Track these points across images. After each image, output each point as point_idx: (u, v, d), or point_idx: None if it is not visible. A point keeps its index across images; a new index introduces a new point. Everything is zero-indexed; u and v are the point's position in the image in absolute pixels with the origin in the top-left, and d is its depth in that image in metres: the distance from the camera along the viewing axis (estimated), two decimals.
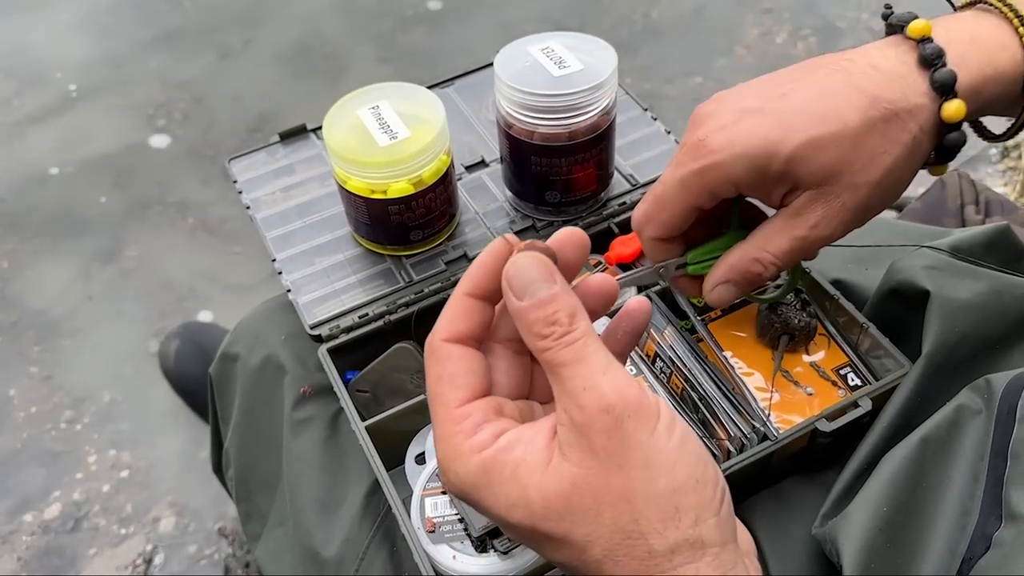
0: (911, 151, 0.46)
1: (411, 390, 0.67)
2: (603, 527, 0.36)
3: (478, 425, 0.38)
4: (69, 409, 1.41)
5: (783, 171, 0.46)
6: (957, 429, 0.52)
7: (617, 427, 0.36)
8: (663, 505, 0.36)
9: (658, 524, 0.35)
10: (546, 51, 0.70)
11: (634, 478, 0.35)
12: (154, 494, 1.31)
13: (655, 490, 0.36)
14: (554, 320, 0.37)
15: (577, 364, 0.37)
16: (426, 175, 0.69)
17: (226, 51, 2.04)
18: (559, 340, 0.37)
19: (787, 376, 0.64)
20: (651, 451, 0.36)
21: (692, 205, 0.49)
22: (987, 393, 0.52)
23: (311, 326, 0.70)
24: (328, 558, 0.64)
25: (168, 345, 1.39)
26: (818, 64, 0.48)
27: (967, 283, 0.60)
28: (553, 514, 0.36)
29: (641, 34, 2.01)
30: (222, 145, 1.81)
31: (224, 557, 1.24)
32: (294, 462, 0.70)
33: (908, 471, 0.52)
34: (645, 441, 0.36)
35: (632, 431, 0.36)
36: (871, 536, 0.50)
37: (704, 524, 0.36)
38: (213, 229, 1.66)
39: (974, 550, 0.46)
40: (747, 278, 0.50)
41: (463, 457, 0.37)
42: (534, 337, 0.37)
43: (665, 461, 0.36)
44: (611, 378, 0.36)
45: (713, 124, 0.47)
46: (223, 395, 0.82)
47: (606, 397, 0.36)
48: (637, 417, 0.36)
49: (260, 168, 0.83)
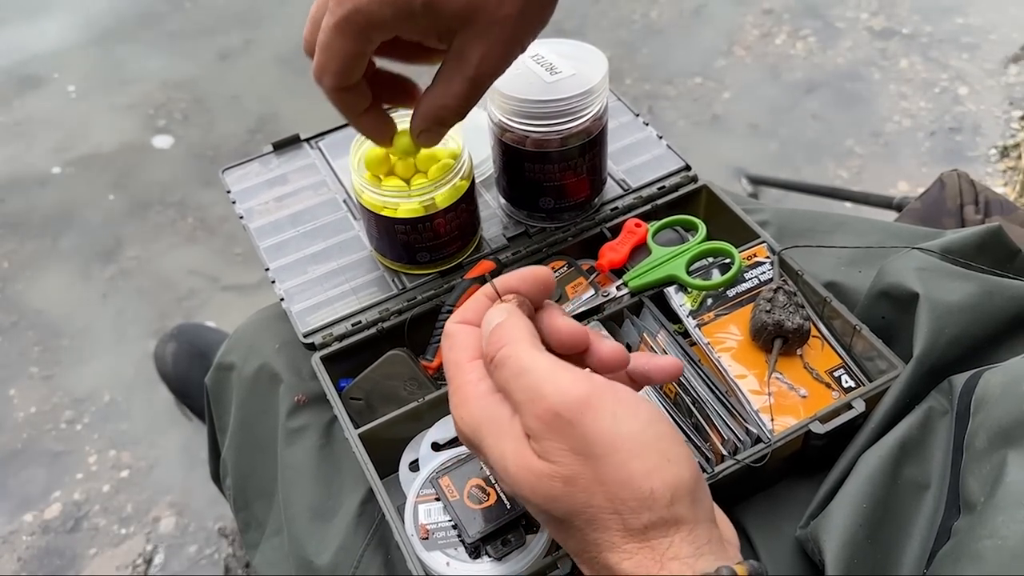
0: None
1: (404, 397, 0.67)
2: (577, 504, 0.38)
3: (481, 378, 0.42)
4: (69, 409, 1.42)
5: (424, 8, 0.49)
6: (928, 430, 0.53)
7: (574, 424, 0.38)
8: (638, 487, 0.37)
9: (632, 503, 0.37)
10: (536, 58, 0.70)
11: (605, 464, 0.37)
12: (154, 494, 1.31)
13: (628, 473, 0.37)
14: (495, 348, 0.41)
15: (526, 375, 0.39)
16: (439, 199, 0.69)
17: (226, 51, 2.04)
18: (493, 363, 0.41)
19: (781, 379, 0.64)
20: (618, 436, 0.38)
21: (354, 52, 0.52)
22: (951, 394, 0.54)
23: (304, 334, 0.70)
24: (322, 566, 0.65)
25: (164, 348, 1.39)
26: None
27: (957, 285, 0.60)
28: (536, 496, 0.39)
29: (641, 34, 2.00)
30: (222, 146, 1.82)
31: (224, 557, 1.25)
32: (288, 471, 0.70)
33: (885, 470, 0.53)
34: (609, 429, 0.38)
35: (592, 423, 0.38)
36: (852, 532, 0.51)
37: (680, 503, 0.38)
38: (213, 229, 1.67)
39: (938, 544, 0.48)
40: (440, 118, 0.56)
41: (469, 402, 0.42)
42: (489, 368, 0.42)
43: (634, 444, 0.38)
44: (555, 382, 0.39)
45: None
46: (219, 404, 0.82)
47: (554, 403, 0.38)
48: (593, 409, 0.38)
49: (254, 178, 0.83)
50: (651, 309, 0.68)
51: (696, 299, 0.68)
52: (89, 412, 1.41)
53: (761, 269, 0.70)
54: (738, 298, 0.69)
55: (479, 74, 0.53)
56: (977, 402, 0.52)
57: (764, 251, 0.71)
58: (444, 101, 0.55)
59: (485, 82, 0.54)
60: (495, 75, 0.54)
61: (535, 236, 0.76)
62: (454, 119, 0.57)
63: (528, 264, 0.74)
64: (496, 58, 0.52)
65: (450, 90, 0.54)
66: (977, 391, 0.52)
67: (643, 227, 0.74)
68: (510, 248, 0.76)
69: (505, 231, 0.77)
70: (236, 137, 1.83)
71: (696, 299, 0.68)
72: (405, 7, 0.49)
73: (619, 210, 0.77)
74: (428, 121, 0.57)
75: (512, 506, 0.56)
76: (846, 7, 2.04)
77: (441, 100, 0.55)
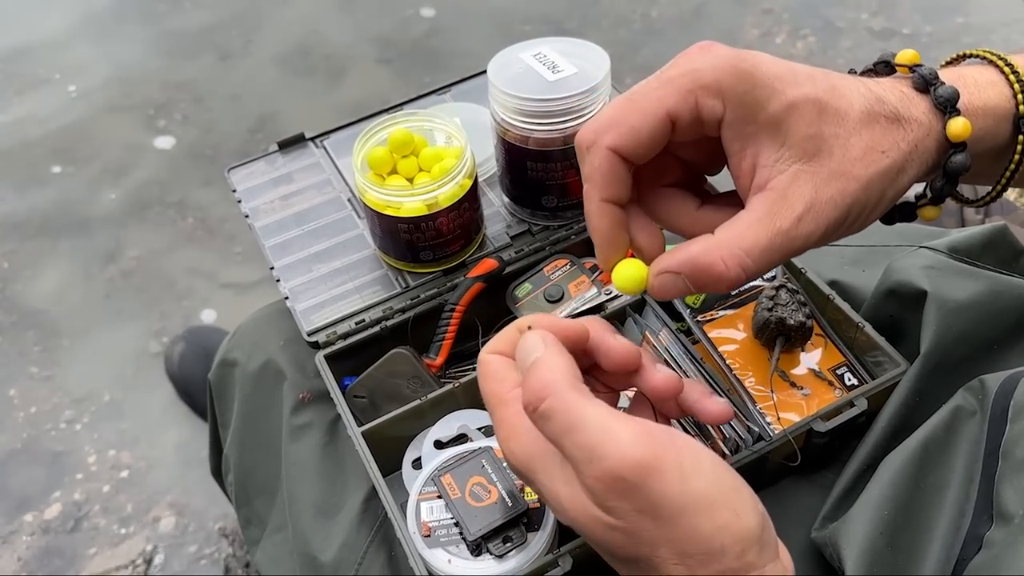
0: (908, 161, 0.43)
1: (407, 395, 0.67)
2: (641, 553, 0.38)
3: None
4: (69, 409, 1.42)
5: (779, 116, 0.40)
6: (954, 430, 0.52)
7: (639, 488, 0.36)
8: (707, 544, 0.36)
9: (701, 556, 0.36)
10: (539, 56, 0.70)
11: (673, 525, 0.36)
12: (154, 494, 1.31)
13: (697, 532, 0.36)
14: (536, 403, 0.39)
15: (571, 435, 0.38)
16: (442, 198, 0.69)
17: (226, 51, 2.04)
18: (536, 414, 0.39)
19: (783, 377, 0.64)
20: (685, 497, 0.36)
21: (669, 109, 0.41)
22: (981, 394, 0.52)
23: (308, 333, 0.70)
24: (326, 563, 0.65)
25: (172, 348, 1.40)
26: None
27: (965, 283, 0.60)
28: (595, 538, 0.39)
29: (641, 34, 2.01)
30: (222, 146, 1.82)
31: (224, 557, 1.24)
32: (292, 468, 0.70)
33: (908, 473, 0.52)
34: (676, 491, 0.36)
35: (657, 485, 0.36)
36: (872, 539, 0.50)
37: (749, 553, 0.37)
38: (213, 229, 1.67)
39: (967, 551, 0.47)
40: (703, 277, 0.42)
41: (520, 435, 0.41)
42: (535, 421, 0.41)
43: (702, 503, 0.36)
44: (614, 442, 0.36)
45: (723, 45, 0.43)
46: (222, 400, 0.82)
47: (614, 467, 0.36)
48: (659, 472, 0.36)
49: (259, 177, 0.83)
50: (653, 307, 0.68)
51: (698, 297, 0.68)
52: (89, 412, 1.41)
53: None
54: (741, 296, 0.69)
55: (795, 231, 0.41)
56: (1017, 408, 0.50)
57: None
58: (729, 253, 0.40)
59: (794, 246, 0.41)
60: (807, 243, 0.41)
61: (538, 234, 0.76)
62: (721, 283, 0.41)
63: (530, 262, 0.74)
64: (822, 218, 0.41)
65: (746, 238, 0.41)
66: (1017, 396, 0.50)
67: None
68: (513, 246, 0.76)
69: (508, 229, 0.77)
70: (236, 137, 1.83)
71: (698, 297, 0.68)
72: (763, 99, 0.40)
73: None
74: (692, 267, 0.41)
75: (514, 504, 0.56)
76: (846, 7, 2.04)
77: (726, 251, 0.41)
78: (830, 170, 0.41)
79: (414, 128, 0.72)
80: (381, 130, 0.71)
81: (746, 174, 0.42)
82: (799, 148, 0.41)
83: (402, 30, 2.05)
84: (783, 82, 0.41)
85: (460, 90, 0.89)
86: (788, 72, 0.41)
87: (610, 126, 0.42)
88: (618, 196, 0.44)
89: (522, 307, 0.72)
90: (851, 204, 0.42)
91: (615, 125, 0.42)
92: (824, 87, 0.41)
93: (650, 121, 0.42)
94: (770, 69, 0.41)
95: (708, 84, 0.41)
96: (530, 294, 0.73)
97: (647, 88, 0.42)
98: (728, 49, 0.42)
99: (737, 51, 0.41)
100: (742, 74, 0.40)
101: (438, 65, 1.94)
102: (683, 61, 0.42)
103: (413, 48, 2.00)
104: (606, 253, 0.45)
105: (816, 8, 2.04)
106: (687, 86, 0.41)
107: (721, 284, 0.41)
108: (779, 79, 0.41)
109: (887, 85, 0.44)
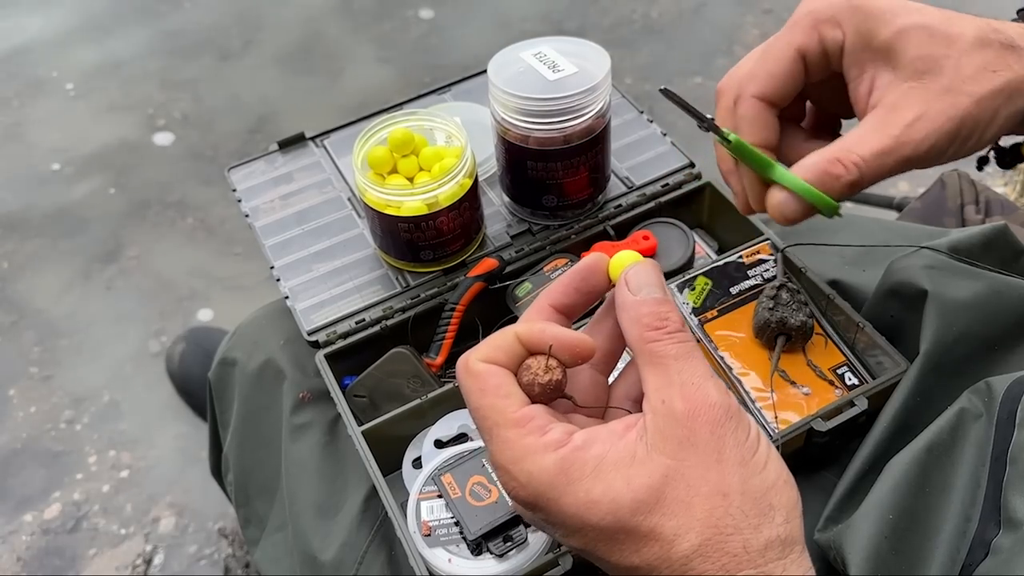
0: (1020, 87, 0.45)
1: (408, 395, 0.67)
2: (695, 520, 0.36)
3: (545, 425, 0.38)
4: (69, 409, 1.42)
5: (890, 41, 0.45)
6: (959, 433, 0.52)
7: (721, 423, 0.37)
8: (759, 501, 0.36)
9: (754, 519, 0.36)
10: (539, 56, 0.70)
11: (731, 473, 0.36)
12: (154, 494, 1.31)
13: (751, 487, 0.36)
14: (666, 318, 0.39)
15: (687, 360, 0.38)
16: (442, 197, 0.68)
17: (226, 51, 2.04)
18: (672, 335, 0.39)
19: (784, 376, 0.64)
20: (747, 451, 0.37)
21: (799, 46, 0.47)
22: (987, 396, 0.52)
23: (309, 332, 0.70)
24: (326, 562, 0.65)
25: (174, 349, 1.41)
26: None
27: (966, 283, 0.60)
28: (643, 507, 0.36)
29: (641, 34, 2.01)
30: (222, 146, 1.82)
31: (224, 557, 1.24)
32: (293, 467, 0.70)
33: (912, 476, 0.52)
34: (742, 443, 0.37)
35: (732, 431, 0.37)
36: (877, 544, 0.50)
37: (793, 522, 0.37)
38: (213, 229, 1.67)
39: (973, 556, 0.46)
40: (825, 181, 0.46)
41: (537, 455, 0.37)
42: (643, 328, 0.39)
43: (759, 460, 0.37)
44: (717, 383, 0.38)
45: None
46: (222, 399, 0.82)
47: (712, 396, 0.37)
48: (736, 421, 0.37)
49: (259, 176, 0.83)
50: None
51: (699, 297, 0.68)
52: (89, 412, 1.41)
53: (764, 267, 0.70)
54: (741, 295, 0.69)
55: (904, 136, 0.44)
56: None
57: (768, 249, 0.71)
58: (844, 155, 0.45)
59: (905, 152, 0.45)
60: (917, 152, 0.45)
61: (538, 234, 0.76)
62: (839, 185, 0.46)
63: (530, 262, 0.74)
64: (932, 129, 0.44)
65: (860, 143, 0.45)
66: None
67: (651, 240, 0.74)
68: (513, 246, 0.76)
69: (508, 229, 0.77)
70: (236, 137, 1.83)
71: (699, 297, 0.68)
72: (872, 28, 0.45)
73: (623, 208, 0.77)
74: (810, 173, 0.46)
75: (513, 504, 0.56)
76: None
77: (841, 153, 0.45)
78: (941, 86, 0.44)
79: (414, 127, 0.72)
80: (381, 129, 0.71)
81: (863, 97, 0.47)
82: (910, 68, 0.45)
83: (402, 30, 2.05)
84: (893, 13, 0.45)
85: (460, 90, 0.89)
86: (899, 4, 0.46)
87: (751, 76, 0.48)
88: (768, 140, 0.50)
89: (522, 306, 0.72)
90: (963, 117, 0.44)
91: (755, 74, 0.48)
92: (936, 16, 0.45)
93: (785, 63, 0.47)
94: (881, 3, 0.46)
95: (827, 19, 0.46)
96: (530, 293, 0.73)
97: (776, 37, 0.48)
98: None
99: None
100: (855, 7, 0.46)
101: (438, 65, 1.94)
102: (804, 5, 0.48)
103: (413, 48, 2.00)
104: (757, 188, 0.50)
105: None
106: (810, 23, 0.47)
107: (840, 185, 0.46)
108: (889, 11, 0.46)
109: (1011, 24, 0.47)
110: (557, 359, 0.40)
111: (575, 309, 0.43)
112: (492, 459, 0.39)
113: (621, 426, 0.38)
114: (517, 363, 0.40)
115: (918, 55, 0.45)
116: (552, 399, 0.40)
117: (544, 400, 0.40)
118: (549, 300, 0.42)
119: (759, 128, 0.49)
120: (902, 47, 0.45)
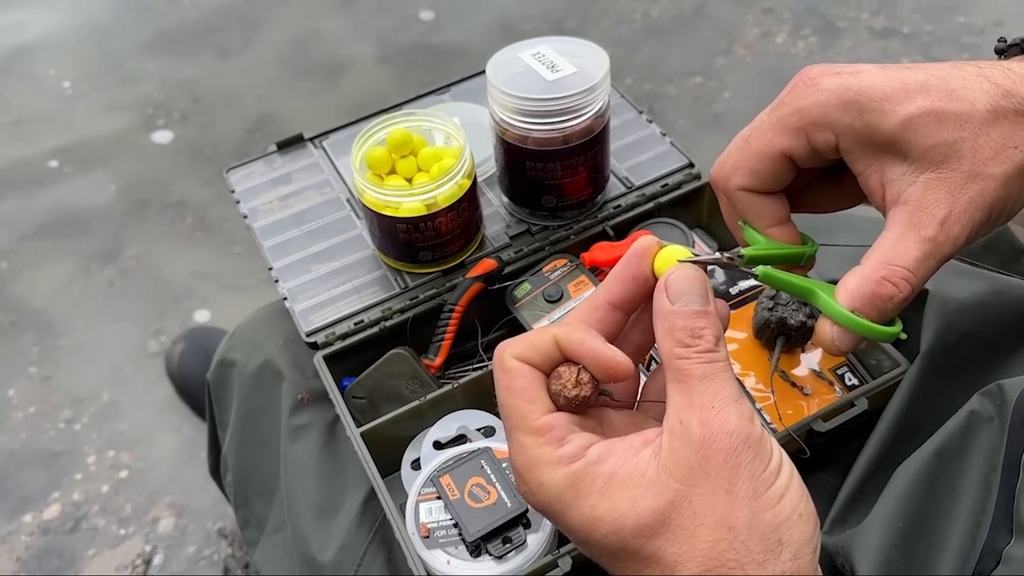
0: None
1: (407, 396, 0.67)
2: (697, 550, 0.35)
3: (563, 437, 0.38)
4: (68, 409, 1.42)
5: (894, 135, 0.40)
6: (970, 437, 0.51)
7: (737, 452, 0.35)
8: (767, 537, 0.35)
9: (759, 555, 0.35)
10: (538, 56, 0.70)
11: (740, 506, 0.35)
12: (154, 494, 1.31)
13: (759, 521, 0.35)
14: (700, 335, 0.37)
15: (711, 381, 0.37)
16: (441, 198, 0.68)
17: (226, 51, 2.04)
18: (702, 354, 0.37)
19: (784, 377, 0.64)
20: (762, 484, 0.36)
21: (783, 149, 0.43)
22: (999, 400, 0.51)
23: (307, 333, 0.70)
24: (325, 563, 0.65)
25: (173, 349, 1.40)
26: (940, 62, 0.44)
27: (966, 283, 0.60)
28: (646, 530, 0.35)
29: (641, 33, 2.00)
30: (221, 145, 1.81)
31: (224, 557, 1.24)
32: (291, 468, 0.70)
33: (922, 482, 0.51)
34: (758, 475, 0.36)
35: (747, 462, 0.36)
36: (887, 552, 0.50)
37: (802, 559, 0.36)
38: (212, 229, 1.67)
39: (984, 564, 0.46)
40: (877, 305, 0.41)
41: (549, 467, 0.37)
42: (675, 343, 0.38)
43: (774, 494, 0.36)
44: (740, 408, 0.36)
45: (829, 71, 0.42)
46: (221, 400, 0.82)
47: (732, 423, 0.36)
48: (755, 451, 0.36)
49: (258, 177, 0.83)
50: None
51: None
52: (88, 412, 1.41)
53: None
54: (741, 296, 0.69)
55: (942, 236, 0.40)
56: None
57: None
58: (889, 271, 0.41)
59: (946, 250, 0.41)
60: (957, 246, 0.41)
61: (537, 234, 0.76)
62: (896, 303, 0.42)
63: (529, 262, 0.74)
64: (967, 220, 0.41)
65: (898, 255, 0.41)
66: None
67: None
68: (512, 247, 0.75)
69: (507, 229, 0.77)
70: (235, 137, 1.83)
71: None
72: (874, 123, 0.41)
73: (622, 208, 0.77)
74: (860, 301, 0.42)
75: (512, 505, 0.56)
76: (847, 6, 2.04)
77: (885, 270, 0.41)
78: (963, 173, 0.40)
79: (413, 128, 0.72)
80: (380, 130, 0.71)
81: (876, 190, 0.43)
82: (924, 159, 0.41)
83: (402, 30, 2.05)
84: (892, 101, 0.41)
85: (459, 90, 0.89)
86: (899, 89, 0.41)
87: (735, 169, 0.45)
88: (777, 219, 0.46)
89: (521, 307, 0.72)
90: (992, 203, 0.41)
91: (738, 167, 0.44)
92: (940, 94, 0.41)
93: (767, 162, 0.44)
94: (878, 90, 0.41)
95: (816, 120, 0.42)
96: (529, 294, 0.73)
97: (760, 129, 0.44)
98: (833, 78, 0.42)
99: (843, 79, 0.42)
100: (848, 104, 0.41)
101: (438, 65, 1.94)
102: (790, 99, 0.43)
103: (413, 48, 2.00)
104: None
105: (816, 7, 2.04)
106: (796, 124, 0.42)
107: (894, 305, 0.42)
108: (888, 99, 0.41)
109: (1018, 73, 0.42)
110: (590, 372, 0.40)
111: (634, 302, 0.41)
112: (509, 456, 0.40)
113: (639, 440, 0.38)
114: (551, 366, 0.40)
115: (930, 145, 0.40)
116: (578, 412, 0.40)
117: (569, 411, 0.40)
118: (607, 296, 0.41)
119: (761, 214, 0.46)
120: (911, 139, 0.41)
